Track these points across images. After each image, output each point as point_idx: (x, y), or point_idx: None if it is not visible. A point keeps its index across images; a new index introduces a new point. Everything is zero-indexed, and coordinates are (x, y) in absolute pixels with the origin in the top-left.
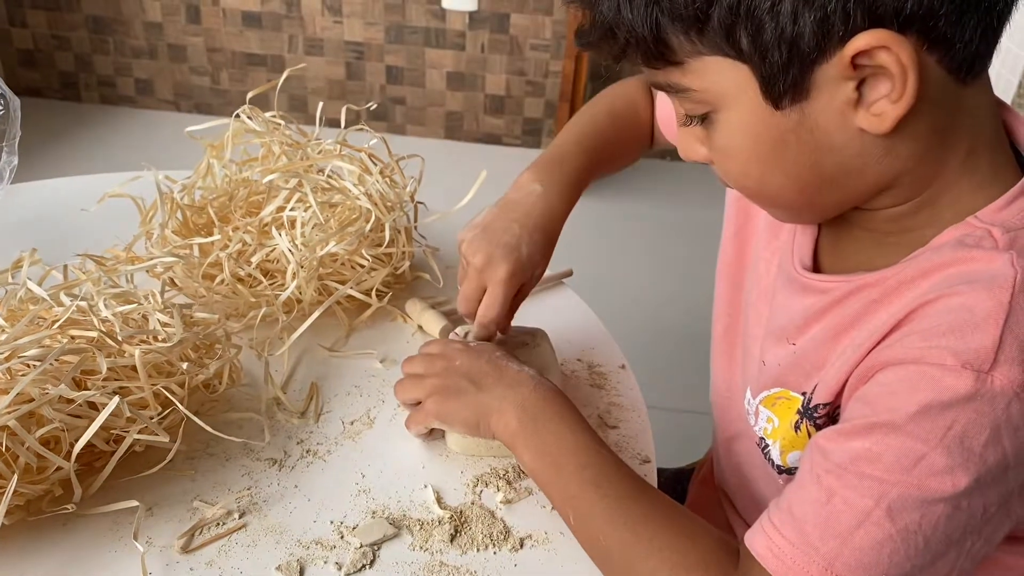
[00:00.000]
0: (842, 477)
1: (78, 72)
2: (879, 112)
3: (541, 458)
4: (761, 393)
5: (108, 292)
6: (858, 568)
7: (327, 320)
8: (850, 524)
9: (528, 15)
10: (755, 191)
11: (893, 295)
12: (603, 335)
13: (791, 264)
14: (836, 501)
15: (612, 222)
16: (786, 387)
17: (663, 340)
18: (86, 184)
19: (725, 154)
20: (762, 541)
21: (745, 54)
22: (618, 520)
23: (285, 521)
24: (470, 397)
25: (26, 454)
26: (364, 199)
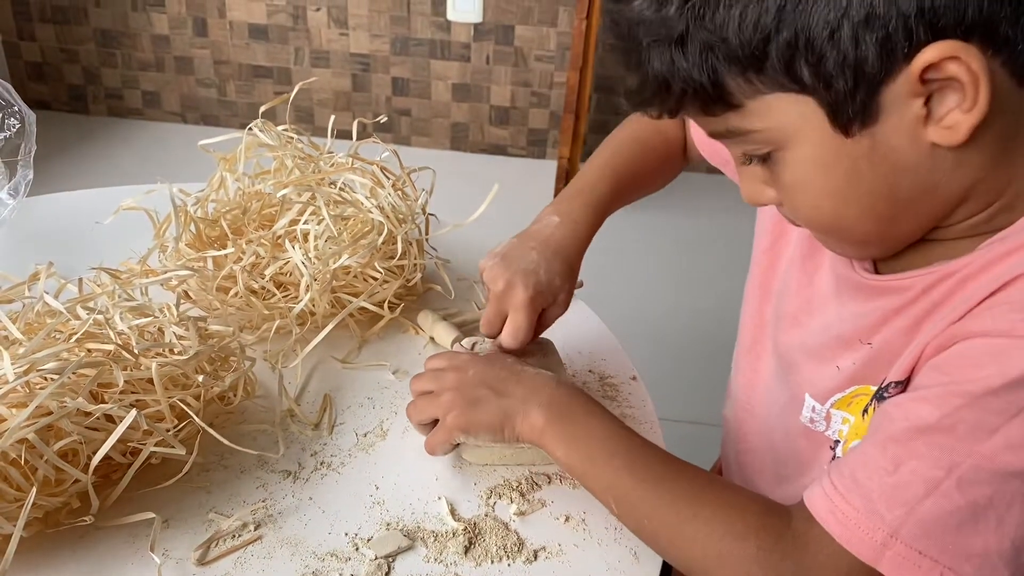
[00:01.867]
0: (910, 446)
1: (86, 85)
2: (951, 124)
3: (573, 452)
4: (833, 397)
5: (124, 305)
6: (924, 538)
7: (340, 332)
8: (918, 493)
9: (533, 27)
10: (828, 226)
11: (980, 273)
12: (614, 346)
13: (853, 271)
14: (904, 470)
15: (623, 233)
16: (864, 383)
17: (674, 351)
18: (100, 197)
19: (794, 191)
20: (824, 504)
21: (808, 86)
22: (658, 502)
23: (300, 533)
24: (492, 404)
25: (44, 467)
26: (376, 212)
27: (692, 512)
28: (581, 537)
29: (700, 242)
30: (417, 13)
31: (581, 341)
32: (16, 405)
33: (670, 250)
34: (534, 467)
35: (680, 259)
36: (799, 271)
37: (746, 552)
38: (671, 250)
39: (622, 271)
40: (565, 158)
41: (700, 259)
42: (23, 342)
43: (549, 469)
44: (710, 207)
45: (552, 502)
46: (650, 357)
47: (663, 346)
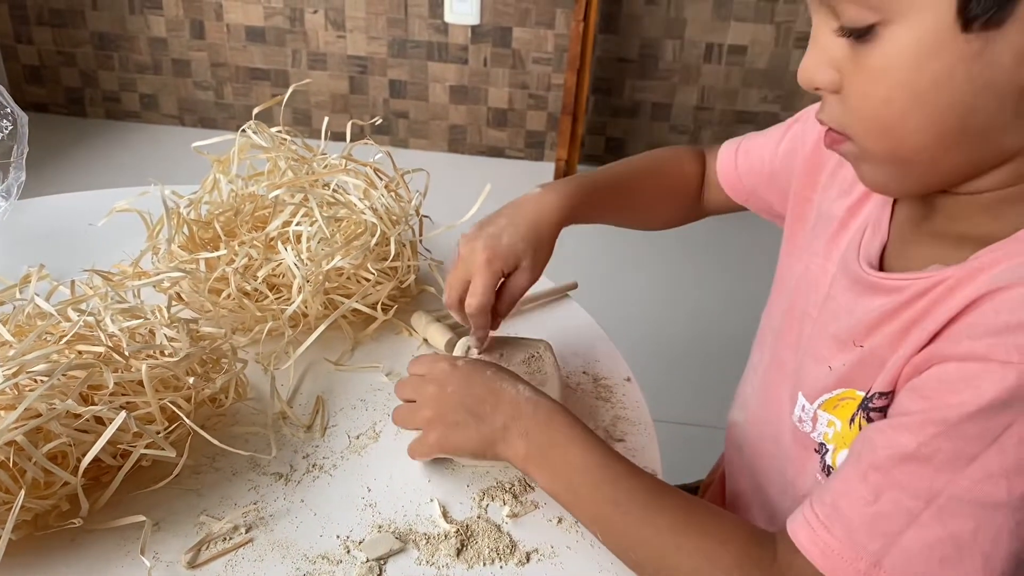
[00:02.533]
0: (891, 475)
1: (83, 88)
2: None
3: (555, 482)
4: (821, 397)
5: (115, 307)
6: (907, 569)
7: (333, 334)
8: (899, 524)
9: (530, 29)
10: (886, 127)
11: (965, 284)
12: (608, 348)
13: (856, 265)
14: (884, 500)
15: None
16: (851, 387)
17: (668, 353)
18: (93, 199)
19: (875, 77)
20: (807, 535)
21: None
22: (642, 534)
23: (291, 536)
24: (471, 430)
25: (33, 469)
26: (369, 213)
27: (675, 544)
28: (574, 539)
29: (695, 243)
30: (414, 15)
31: (575, 342)
32: (5, 407)
33: (665, 251)
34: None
35: (675, 260)
36: (815, 264)
37: None
38: (666, 251)
39: (616, 272)
40: (563, 160)
41: (695, 260)
42: (13, 344)
43: None
44: None
45: (545, 504)
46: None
47: (658, 347)
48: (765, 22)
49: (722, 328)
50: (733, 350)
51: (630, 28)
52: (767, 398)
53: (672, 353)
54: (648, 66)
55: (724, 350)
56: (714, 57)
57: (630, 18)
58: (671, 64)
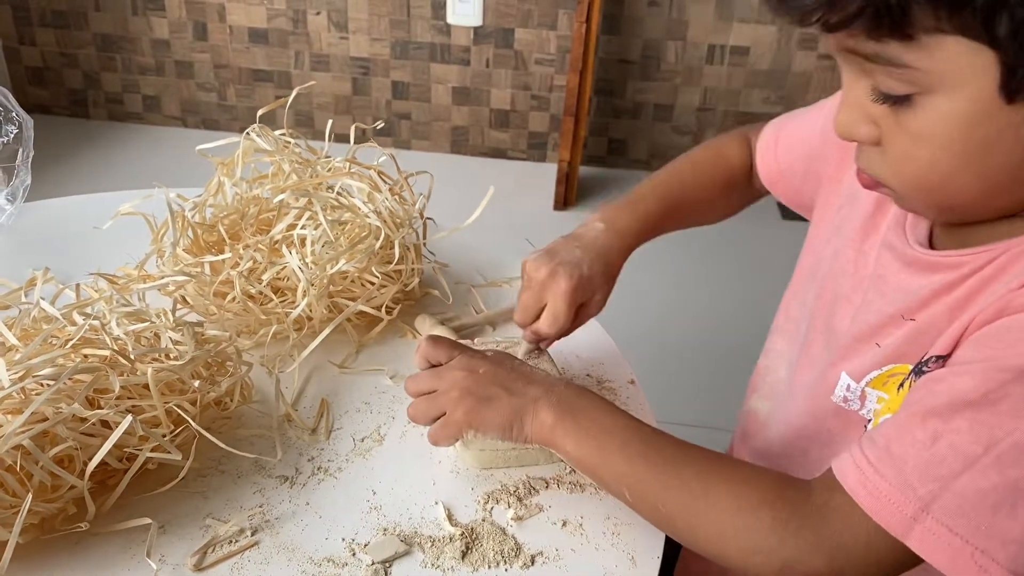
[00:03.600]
0: (950, 420)
1: (86, 89)
2: None
3: (584, 444)
4: (870, 375)
5: (121, 311)
6: (957, 514)
7: (337, 337)
8: (954, 469)
9: (533, 30)
10: (931, 185)
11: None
12: (612, 350)
13: (908, 246)
14: (941, 444)
15: None
16: (902, 362)
17: (672, 355)
18: (98, 202)
19: (918, 141)
20: (855, 475)
21: (998, 41)
22: (671, 483)
23: (297, 539)
24: (503, 402)
25: (40, 473)
26: (373, 216)
27: (704, 489)
28: (578, 542)
29: (699, 245)
30: (417, 17)
31: (579, 345)
32: (11, 411)
33: (669, 253)
34: (532, 471)
35: (678, 262)
36: (849, 247)
37: (760, 523)
38: (670, 253)
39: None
40: (565, 161)
41: (699, 262)
42: (19, 348)
43: (547, 473)
44: None
45: (549, 507)
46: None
47: (661, 350)
48: (767, 23)
49: (726, 330)
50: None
51: (632, 29)
52: (800, 383)
53: (676, 355)
54: (650, 67)
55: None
56: (716, 58)
57: (632, 19)
58: (673, 65)
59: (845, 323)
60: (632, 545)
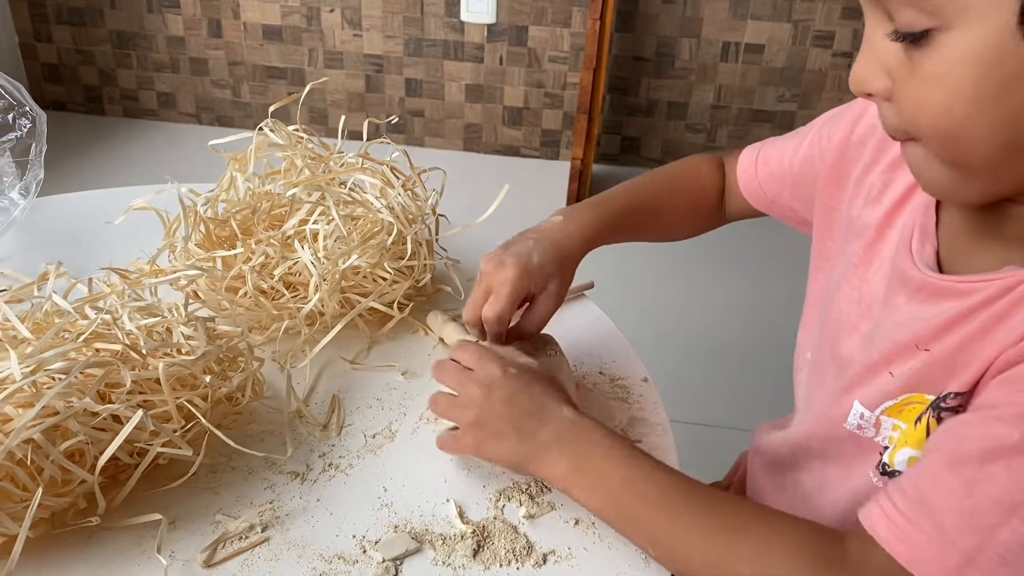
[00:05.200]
0: (986, 468)
1: (102, 86)
2: None
3: (599, 498)
4: (884, 404)
5: (132, 305)
6: (999, 565)
7: (348, 333)
8: (994, 520)
9: (546, 27)
10: (945, 134)
11: None
12: (625, 348)
13: (917, 271)
14: (978, 494)
15: None
16: (919, 392)
17: (685, 353)
18: (111, 197)
19: (932, 84)
20: (888, 529)
21: None
22: (696, 537)
23: (307, 535)
24: (512, 442)
25: (51, 467)
26: (386, 212)
27: (731, 544)
28: (591, 540)
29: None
30: (431, 14)
31: (592, 342)
32: (23, 405)
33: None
34: None
35: (692, 260)
36: (852, 275)
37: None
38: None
39: (633, 272)
40: (578, 159)
41: (712, 260)
42: (31, 342)
43: None
44: None
45: (561, 505)
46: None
47: (674, 347)
48: (783, 20)
49: (739, 328)
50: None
51: (646, 27)
52: (812, 409)
53: (689, 353)
54: (664, 65)
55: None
56: (731, 56)
57: (646, 17)
58: (687, 63)
59: (854, 351)
60: None
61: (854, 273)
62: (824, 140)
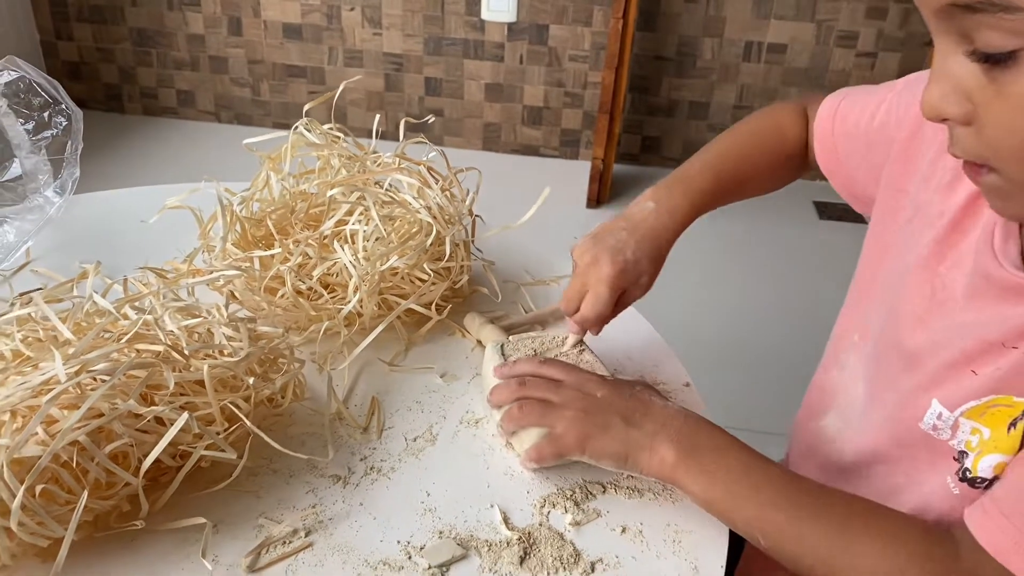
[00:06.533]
0: None
1: (122, 84)
2: None
3: (711, 488)
4: (966, 404)
5: (172, 306)
6: None
7: (386, 334)
8: None
9: (567, 26)
10: None
11: None
12: (666, 352)
13: (1003, 270)
14: None
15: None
16: (1008, 393)
17: (726, 357)
18: (143, 195)
19: (1019, 107)
20: (1003, 540)
21: None
22: (811, 536)
23: (351, 540)
24: (620, 432)
25: (96, 469)
26: (424, 212)
27: (846, 543)
28: (639, 549)
29: (753, 246)
30: (451, 13)
31: (632, 347)
32: (68, 406)
33: (722, 254)
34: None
35: (732, 264)
36: (924, 267)
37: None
38: (723, 254)
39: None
40: (599, 159)
41: (753, 264)
42: (73, 342)
43: (604, 477)
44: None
45: (607, 512)
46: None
47: (715, 352)
48: (806, 20)
49: (781, 332)
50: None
51: (668, 26)
52: (879, 405)
53: (730, 357)
54: (686, 64)
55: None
56: (753, 55)
57: (669, 16)
58: (709, 62)
59: (922, 346)
60: (694, 553)
61: (925, 265)
62: (902, 109)
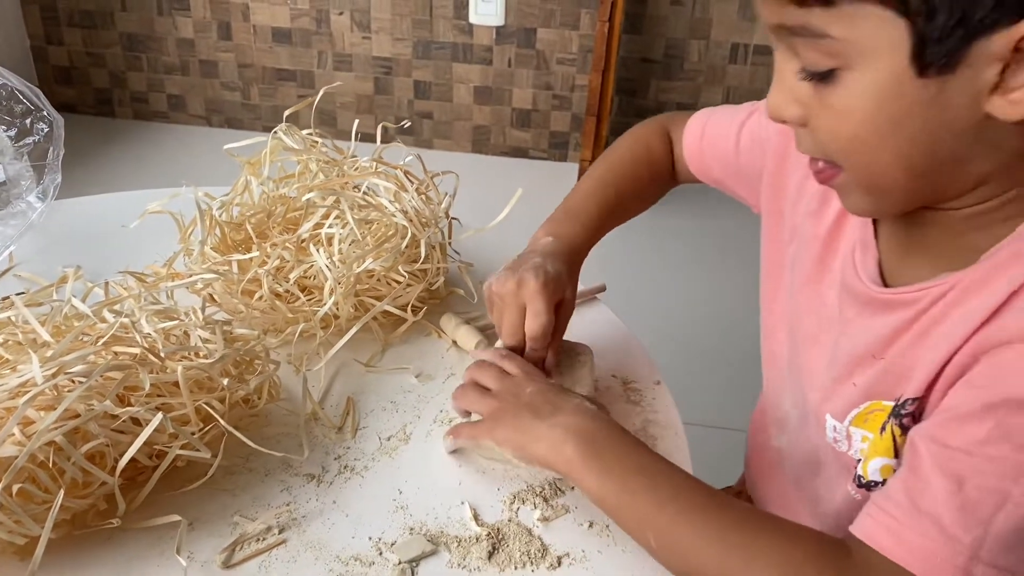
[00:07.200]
0: (969, 463)
1: (112, 88)
2: (1019, 100)
3: (608, 483)
4: (850, 413)
5: (150, 309)
6: (1003, 552)
7: (362, 335)
8: (990, 509)
9: (555, 29)
10: (859, 162)
11: (987, 281)
12: (638, 351)
13: (863, 286)
14: (969, 488)
15: (644, 236)
16: (877, 399)
17: (696, 355)
18: (126, 201)
19: (840, 116)
20: (889, 537)
21: (912, 10)
22: (707, 533)
23: (324, 537)
24: (524, 422)
25: (72, 469)
26: (400, 216)
27: (743, 542)
28: (605, 543)
29: (723, 244)
30: (439, 16)
31: (604, 345)
32: (44, 408)
33: (692, 252)
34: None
35: (702, 261)
36: (807, 287)
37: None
38: (693, 252)
39: (645, 274)
40: (587, 161)
41: (723, 261)
42: (52, 345)
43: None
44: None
45: (576, 508)
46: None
47: (685, 349)
48: None
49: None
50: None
51: (655, 29)
52: (800, 421)
53: (701, 356)
54: (673, 67)
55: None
56: (740, 57)
57: (655, 19)
58: (696, 65)
59: (821, 364)
60: None
61: (808, 285)
62: (763, 130)
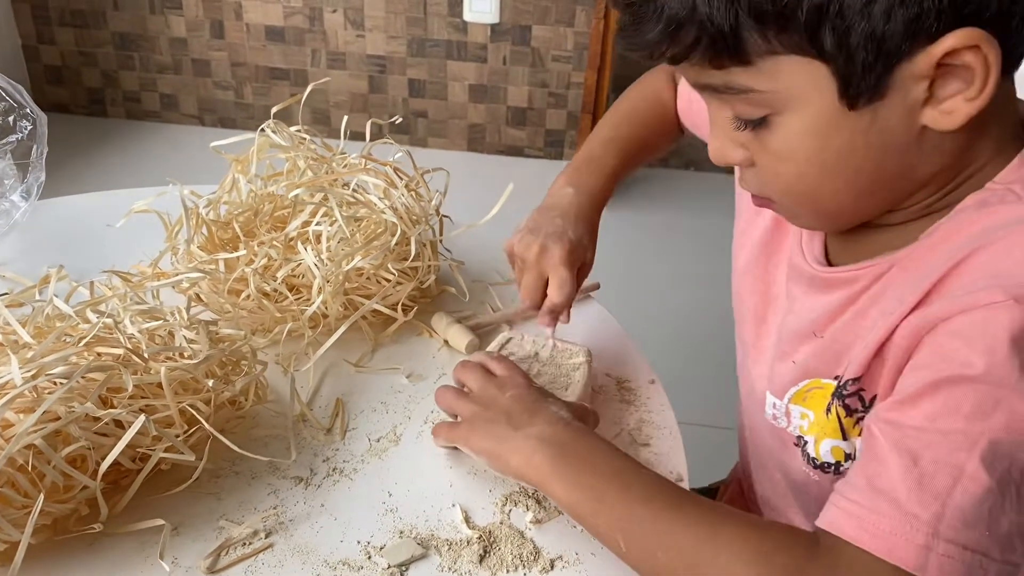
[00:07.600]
0: (922, 438)
1: (104, 88)
2: (950, 110)
3: (578, 490)
4: (789, 391)
5: (134, 308)
6: (963, 527)
7: (352, 335)
8: (946, 483)
9: (550, 27)
10: (805, 195)
11: (920, 260)
12: (632, 350)
13: (807, 265)
14: (924, 463)
15: (639, 234)
16: (816, 376)
17: (691, 354)
18: (112, 199)
19: (781, 158)
20: (850, 522)
21: (828, 54)
22: (675, 528)
23: (312, 541)
24: (499, 431)
25: (52, 473)
26: (389, 213)
27: (711, 533)
28: (598, 546)
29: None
30: (433, 14)
31: (598, 344)
32: (24, 410)
33: (687, 251)
34: None
35: (697, 260)
36: (756, 265)
37: (774, 570)
38: (688, 251)
39: (639, 273)
40: None
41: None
42: (32, 346)
43: None
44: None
45: None
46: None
47: (681, 349)
48: None
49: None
50: None
51: None
52: (745, 399)
53: (695, 354)
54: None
55: None
56: None
57: None
58: None
59: (767, 343)
60: None
61: (757, 263)
62: None
